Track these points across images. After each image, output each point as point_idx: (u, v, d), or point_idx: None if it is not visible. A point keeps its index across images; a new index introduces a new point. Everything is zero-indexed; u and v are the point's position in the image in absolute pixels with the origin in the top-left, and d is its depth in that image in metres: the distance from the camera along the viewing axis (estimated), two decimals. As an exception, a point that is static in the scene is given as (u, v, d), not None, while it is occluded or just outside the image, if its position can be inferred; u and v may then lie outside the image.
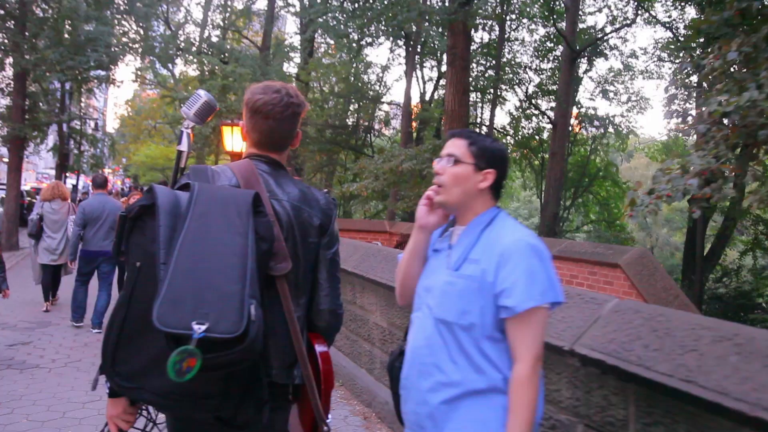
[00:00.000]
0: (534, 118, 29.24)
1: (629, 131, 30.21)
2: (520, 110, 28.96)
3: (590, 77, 29.81)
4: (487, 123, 27.35)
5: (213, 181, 1.89)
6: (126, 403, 1.73)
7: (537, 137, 29.16)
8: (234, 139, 10.93)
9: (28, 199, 21.98)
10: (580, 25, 24.95)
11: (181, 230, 1.56)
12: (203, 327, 1.39)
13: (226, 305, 1.45)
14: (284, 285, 1.84)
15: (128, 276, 1.63)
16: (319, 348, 1.94)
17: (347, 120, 29.62)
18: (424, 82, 29.79)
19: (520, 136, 29.17)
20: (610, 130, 28.82)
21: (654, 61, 26.64)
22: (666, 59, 25.39)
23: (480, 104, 29.64)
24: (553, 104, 25.99)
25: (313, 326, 2.02)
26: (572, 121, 25.62)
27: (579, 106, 27.26)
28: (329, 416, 1.88)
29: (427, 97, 28.82)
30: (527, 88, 28.25)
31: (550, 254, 1.89)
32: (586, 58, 25.74)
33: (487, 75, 26.84)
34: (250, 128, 2.03)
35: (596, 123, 28.48)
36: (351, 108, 30.18)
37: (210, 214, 1.61)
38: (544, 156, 27.48)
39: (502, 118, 46.64)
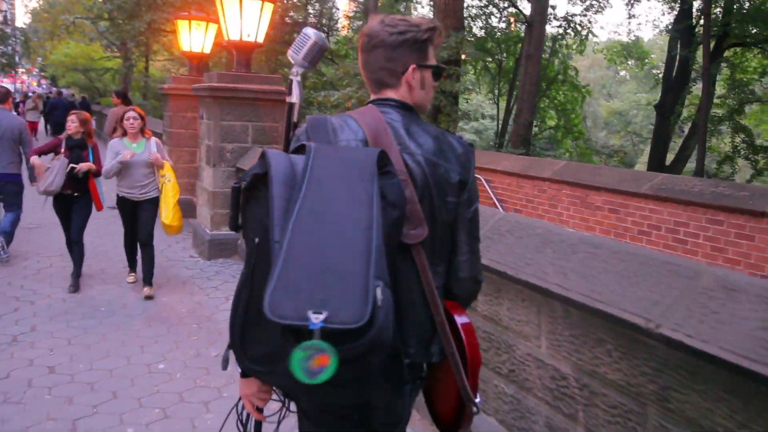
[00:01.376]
0: (493, 17, 27.30)
1: (588, 31, 28.95)
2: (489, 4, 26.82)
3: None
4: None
5: (334, 137, 1.65)
6: (259, 382, 1.65)
7: (497, 36, 27.31)
8: (193, 38, 8.82)
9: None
10: None
11: (296, 202, 1.34)
12: (321, 316, 1.19)
13: (348, 289, 1.24)
14: (421, 253, 1.63)
15: (248, 252, 1.49)
16: (461, 320, 1.73)
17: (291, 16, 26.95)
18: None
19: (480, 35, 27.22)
20: (569, 31, 27.44)
21: None
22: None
23: None
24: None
25: (450, 295, 1.80)
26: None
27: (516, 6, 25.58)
28: (477, 396, 1.70)
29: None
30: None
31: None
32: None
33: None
34: (361, 67, 1.80)
35: (555, 22, 26.96)
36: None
37: (328, 181, 1.40)
38: (501, 59, 25.95)
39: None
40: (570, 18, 27.62)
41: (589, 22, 28.90)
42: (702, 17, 21.06)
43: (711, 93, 15.40)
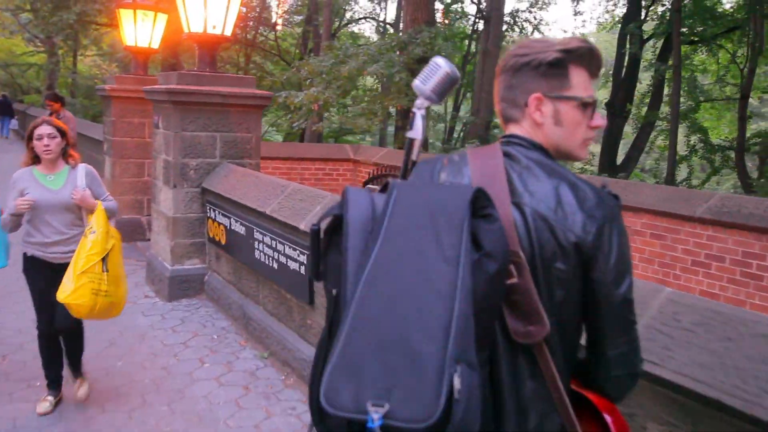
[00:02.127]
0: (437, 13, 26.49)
1: (534, 28, 28.78)
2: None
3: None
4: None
5: (437, 177, 1.47)
6: None
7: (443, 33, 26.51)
8: (139, 30, 7.48)
9: None
10: None
11: (370, 256, 1.15)
12: (382, 410, 1.00)
13: (418, 374, 1.02)
14: (543, 352, 1.31)
15: (327, 306, 1.30)
16: (610, 417, 1.41)
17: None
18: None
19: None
20: (515, 27, 27.14)
21: None
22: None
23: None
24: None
25: (591, 386, 1.46)
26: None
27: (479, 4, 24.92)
28: None
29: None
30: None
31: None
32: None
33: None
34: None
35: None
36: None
37: (408, 230, 1.17)
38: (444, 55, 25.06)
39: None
40: (516, 15, 27.40)
41: (535, 19, 28.52)
42: (647, 14, 20.90)
43: (678, 93, 14.89)
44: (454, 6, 26.90)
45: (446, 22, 26.53)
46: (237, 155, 6.02)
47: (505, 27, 27.20)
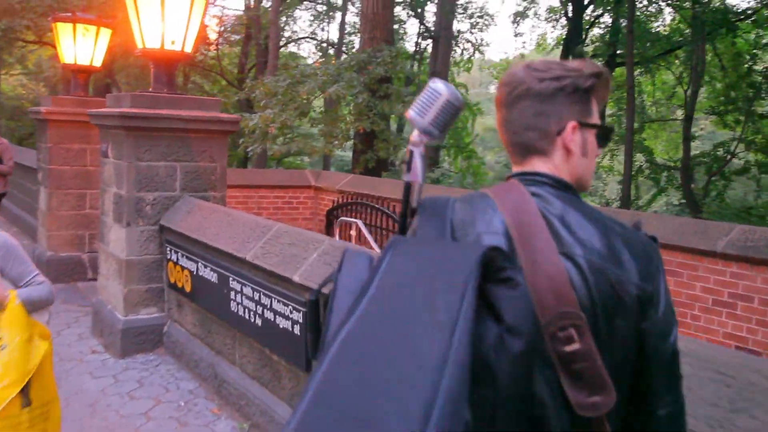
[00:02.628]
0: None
1: (476, 49, 28.94)
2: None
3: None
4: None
5: (460, 230, 1.25)
6: None
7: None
8: (80, 47, 6.69)
9: None
10: None
11: (348, 320, 0.98)
12: None
13: None
14: (604, 426, 1.14)
15: None
16: None
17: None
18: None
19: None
20: (457, 48, 27.21)
21: None
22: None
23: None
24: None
25: None
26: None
27: (423, 21, 24.76)
28: None
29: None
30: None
31: None
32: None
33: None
34: (499, 128, 1.39)
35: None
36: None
37: (402, 290, 1.00)
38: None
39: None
40: (457, 36, 27.43)
41: (476, 40, 28.68)
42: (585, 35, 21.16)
43: (632, 114, 14.87)
44: (395, 26, 26.66)
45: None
46: (200, 187, 5.28)
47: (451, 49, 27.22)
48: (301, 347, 3.52)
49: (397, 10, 24.54)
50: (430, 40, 25.60)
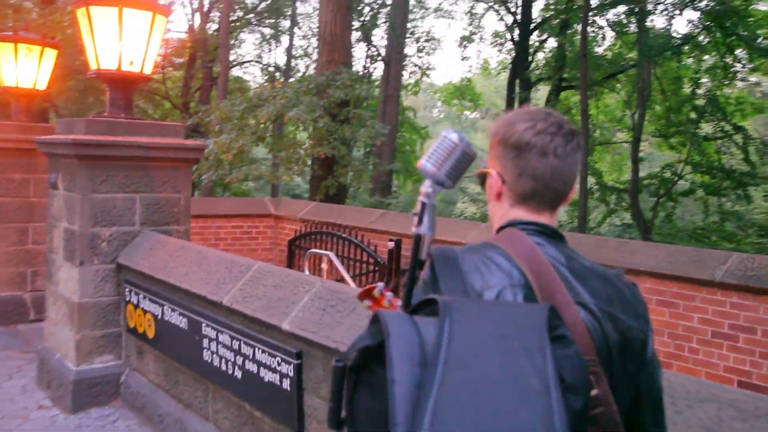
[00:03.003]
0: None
1: (423, 73, 29.04)
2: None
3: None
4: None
5: (480, 283, 1.20)
6: None
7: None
8: (22, 68, 6.20)
9: None
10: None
11: (430, 391, 0.92)
12: None
13: None
14: None
15: None
16: None
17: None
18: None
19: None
20: (405, 71, 27.22)
21: None
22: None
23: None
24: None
25: None
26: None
27: (370, 44, 24.68)
28: None
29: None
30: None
31: None
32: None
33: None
34: (514, 175, 1.33)
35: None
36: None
37: (479, 357, 0.96)
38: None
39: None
40: (404, 59, 27.48)
41: (423, 64, 28.71)
42: (530, 59, 21.48)
43: (586, 137, 14.95)
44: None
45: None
46: (162, 221, 4.82)
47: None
48: (291, 404, 3.11)
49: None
50: (376, 64, 25.60)
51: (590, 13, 19.83)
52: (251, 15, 23.88)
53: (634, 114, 18.68)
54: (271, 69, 27.07)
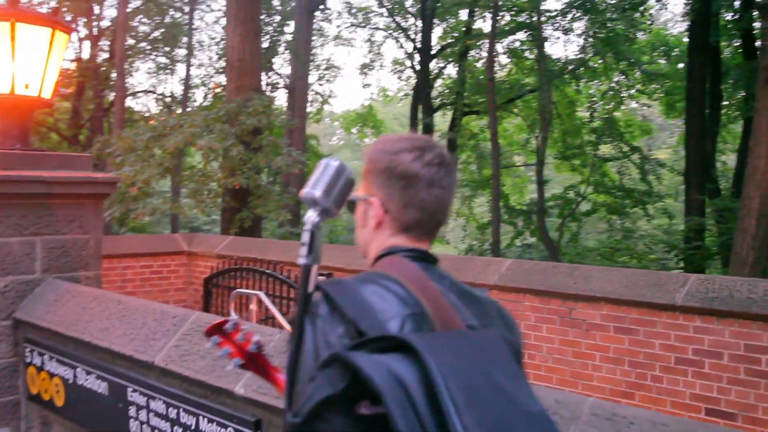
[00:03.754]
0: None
1: (324, 100, 28.94)
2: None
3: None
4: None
5: (382, 315, 1.18)
6: None
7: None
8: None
9: None
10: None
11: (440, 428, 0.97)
12: None
13: None
14: None
15: None
16: None
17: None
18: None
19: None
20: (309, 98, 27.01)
21: (347, 27, 25.04)
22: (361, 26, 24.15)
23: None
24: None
25: None
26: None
27: (270, 71, 24.28)
28: None
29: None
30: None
31: None
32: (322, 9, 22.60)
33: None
34: (400, 205, 1.34)
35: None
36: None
37: (480, 395, 1.03)
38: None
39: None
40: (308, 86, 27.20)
41: (325, 92, 28.53)
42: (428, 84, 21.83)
43: (497, 161, 15.07)
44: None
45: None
46: (68, 266, 4.16)
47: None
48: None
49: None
50: (277, 92, 25.09)
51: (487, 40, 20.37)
52: (144, 43, 22.85)
53: (538, 137, 19.15)
54: (167, 99, 25.95)
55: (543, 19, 16.87)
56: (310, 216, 1.29)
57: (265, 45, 22.56)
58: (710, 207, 13.98)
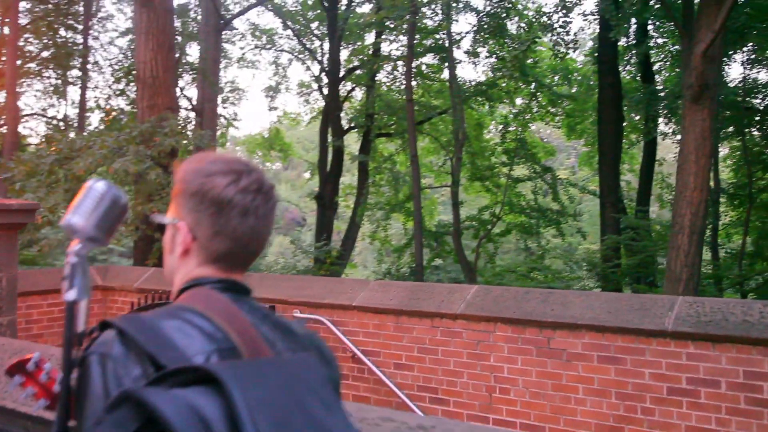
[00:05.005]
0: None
1: (229, 123, 28.27)
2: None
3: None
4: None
5: (184, 348, 1.09)
6: None
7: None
8: None
9: None
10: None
11: None
12: None
13: None
14: None
15: None
16: None
17: None
18: None
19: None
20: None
21: (251, 50, 24.70)
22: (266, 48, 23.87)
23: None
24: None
25: None
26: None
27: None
28: None
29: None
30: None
31: None
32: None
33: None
34: (210, 233, 1.23)
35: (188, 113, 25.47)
36: None
37: (291, 421, 0.98)
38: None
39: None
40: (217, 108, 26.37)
41: (230, 115, 27.73)
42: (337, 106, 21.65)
43: (418, 183, 14.83)
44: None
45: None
46: (-25, 316, 3.43)
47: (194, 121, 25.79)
48: None
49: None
50: (184, 113, 23.95)
51: (395, 62, 20.35)
52: (32, 64, 21.25)
53: (452, 158, 19.18)
54: (59, 123, 24.21)
55: (454, 39, 16.98)
56: (72, 245, 1.20)
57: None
58: (623, 225, 14.32)
